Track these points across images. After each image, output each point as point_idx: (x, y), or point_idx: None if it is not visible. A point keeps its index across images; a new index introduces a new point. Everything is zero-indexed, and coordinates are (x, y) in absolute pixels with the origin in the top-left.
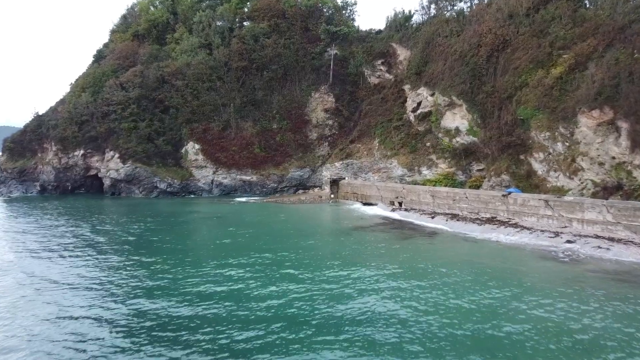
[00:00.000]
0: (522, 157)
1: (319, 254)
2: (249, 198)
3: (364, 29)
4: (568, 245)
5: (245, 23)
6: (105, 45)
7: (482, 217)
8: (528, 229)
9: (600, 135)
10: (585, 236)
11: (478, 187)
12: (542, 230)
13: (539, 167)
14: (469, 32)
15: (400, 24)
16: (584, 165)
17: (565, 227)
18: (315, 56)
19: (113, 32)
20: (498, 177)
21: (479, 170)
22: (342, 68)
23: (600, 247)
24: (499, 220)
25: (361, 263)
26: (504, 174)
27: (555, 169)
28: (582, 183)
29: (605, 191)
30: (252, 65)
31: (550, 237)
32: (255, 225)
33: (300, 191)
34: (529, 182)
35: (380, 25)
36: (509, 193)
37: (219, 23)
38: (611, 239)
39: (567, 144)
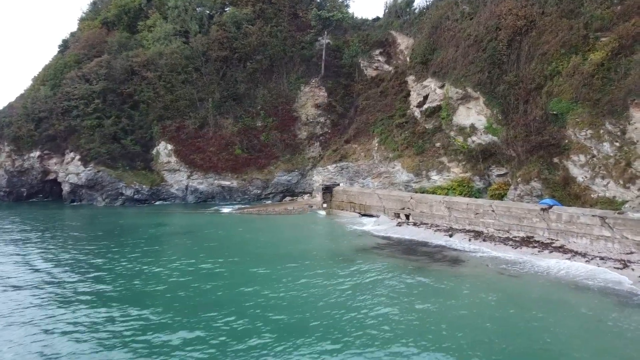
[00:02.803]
0: (556, 160)
1: (302, 312)
2: (228, 207)
3: (359, 17)
4: None
5: (226, 9)
6: (72, 34)
7: (515, 237)
8: (581, 254)
9: None
10: None
11: (502, 196)
12: (601, 258)
13: (578, 173)
14: (485, 13)
15: (400, 9)
16: None
17: (632, 252)
18: (305, 45)
19: (82, 20)
20: (527, 184)
21: (499, 175)
22: (335, 59)
23: None
24: (538, 242)
25: (365, 338)
26: (534, 181)
27: (602, 176)
28: None
29: None
30: (233, 55)
31: (617, 268)
32: (228, 249)
33: (288, 199)
34: (567, 192)
35: (378, 12)
36: (549, 206)
37: (197, 9)
38: None
39: (618, 144)
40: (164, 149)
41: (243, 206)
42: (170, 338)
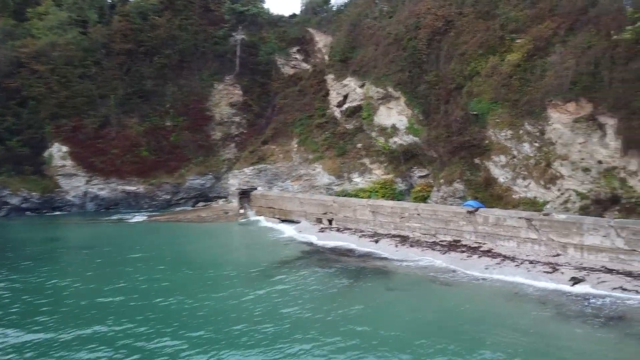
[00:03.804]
0: (477, 161)
1: (208, 341)
2: (134, 215)
3: (275, 13)
4: (581, 288)
5: None
6: None
7: (442, 241)
8: (510, 258)
9: (581, 134)
10: (592, 269)
11: (425, 198)
12: (530, 262)
13: (500, 174)
14: (404, 12)
15: (318, 6)
16: (563, 171)
17: (559, 255)
18: (218, 41)
19: None
20: (450, 185)
21: (421, 176)
22: (251, 56)
23: (626, 289)
24: (465, 246)
25: None
26: (457, 182)
27: (523, 176)
28: (562, 194)
29: (598, 205)
30: (139, 49)
31: (547, 272)
32: (131, 266)
33: (201, 204)
34: (489, 193)
35: (295, 8)
36: (476, 209)
37: None
38: (629, 274)
39: (537, 144)
40: (57, 152)
41: (151, 214)
42: None
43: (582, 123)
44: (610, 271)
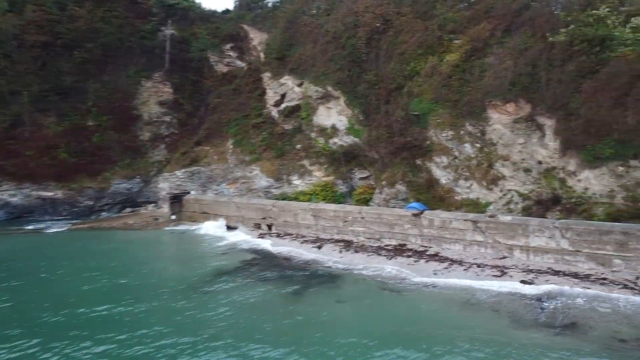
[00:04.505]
0: (419, 162)
1: None
2: (52, 223)
3: (207, 8)
4: (529, 289)
5: None
6: None
7: (388, 245)
8: (458, 262)
9: (521, 135)
10: (539, 271)
11: (367, 201)
12: (478, 265)
13: (441, 175)
14: (342, 10)
15: (252, 2)
16: (505, 172)
17: (505, 257)
18: (146, 35)
19: None
20: (392, 187)
21: (362, 178)
22: (181, 52)
23: (574, 289)
24: (411, 250)
25: None
26: (399, 184)
27: (465, 177)
28: (504, 195)
29: (540, 205)
30: (56, 42)
31: (496, 275)
32: (39, 285)
33: (128, 210)
34: (432, 194)
35: (228, 4)
36: (421, 211)
37: None
38: (575, 275)
39: (479, 145)
40: None
41: (71, 222)
42: None
43: (522, 124)
44: (557, 273)
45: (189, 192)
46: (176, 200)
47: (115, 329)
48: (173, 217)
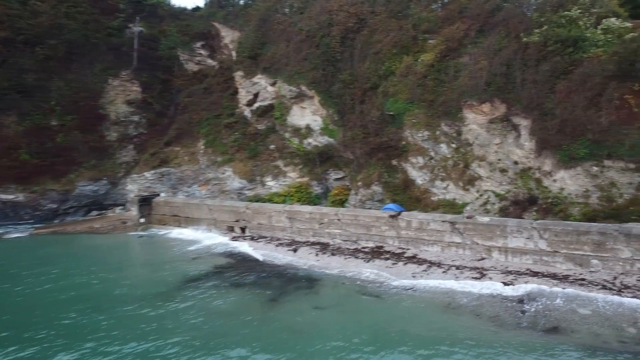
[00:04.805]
0: (395, 162)
1: None
2: (12, 228)
3: (177, 5)
4: (509, 290)
5: None
6: None
7: (365, 248)
8: (436, 264)
9: (496, 135)
10: (518, 272)
11: (343, 202)
12: (457, 267)
13: (417, 175)
14: (316, 8)
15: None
16: (481, 172)
17: (483, 259)
18: (112, 32)
19: None
20: (368, 188)
21: (337, 179)
22: (150, 49)
23: (553, 290)
24: (389, 252)
25: None
26: (375, 185)
27: (442, 178)
28: (481, 195)
29: (516, 206)
30: (17, 37)
31: (476, 277)
32: None
33: (95, 213)
34: (408, 195)
35: (198, 1)
36: (398, 213)
37: None
38: (554, 276)
39: (455, 145)
40: None
41: (33, 226)
42: None
43: (498, 124)
44: (536, 274)
45: (158, 195)
46: (145, 202)
47: (78, 342)
48: (142, 220)
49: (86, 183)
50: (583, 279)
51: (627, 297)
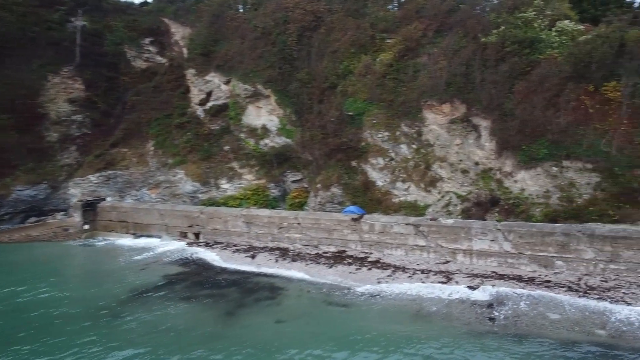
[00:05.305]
0: (354, 163)
1: None
2: None
3: (123, 0)
4: (478, 294)
5: None
6: None
7: (326, 252)
8: (401, 269)
9: (457, 136)
10: (484, 275)
11: (302, 205)
12: (422, 271)
13: (378, 177)
14: (271, 5)
15: None
16: (443, 173)
17: (448, 262)
18: (52, 26)
19: None
20: (327, 190)
21: (295, 181)
22: (94, 45)
23: (521, 292)
24: (352, 257)
25: None
26: (334, 187)
27: (403, 179)
28: (443, 197)
29: (479, 207)
30: None
31: (442, 282)
32: None
33: (33, 220)
34: (368, 197)
35: None
36: (361, 216)
37: None
38: (520, 278)
39: (415, 146)
40: None
41: None
42: None
43: (458, 124)
44: (501, 277)
45: (104, 199)
46: (90, 208)
47: None
48: (86, 227)
49: (23, 187)
50: (549, 281)
51: (594, 299)
